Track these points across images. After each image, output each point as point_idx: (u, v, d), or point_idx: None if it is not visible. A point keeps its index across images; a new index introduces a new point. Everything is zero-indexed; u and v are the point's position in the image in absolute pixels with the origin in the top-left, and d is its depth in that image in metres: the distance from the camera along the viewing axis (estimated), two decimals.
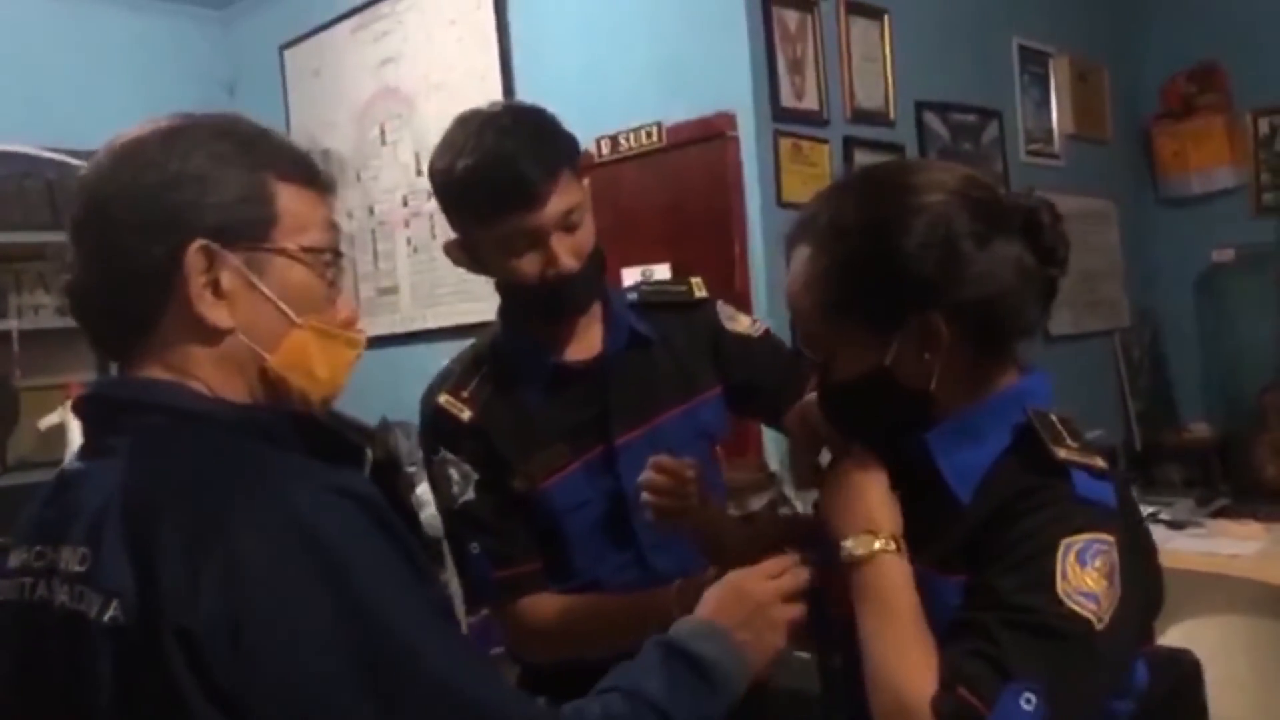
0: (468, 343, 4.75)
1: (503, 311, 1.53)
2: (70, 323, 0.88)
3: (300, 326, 0.95)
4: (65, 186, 3.74)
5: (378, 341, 3.89)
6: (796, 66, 3.26)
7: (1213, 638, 2.29)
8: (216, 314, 0.91)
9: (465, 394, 1.46)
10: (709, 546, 1.35)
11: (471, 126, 1.38)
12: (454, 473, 1.44)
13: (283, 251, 0.94)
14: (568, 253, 1.38)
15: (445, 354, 4.53)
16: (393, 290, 4.27)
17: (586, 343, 1.50)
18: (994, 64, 4.05)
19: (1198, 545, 2.73)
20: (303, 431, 0.94)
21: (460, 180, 1.36)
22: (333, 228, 0.99)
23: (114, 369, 0.99)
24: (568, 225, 1.38)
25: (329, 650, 0.80)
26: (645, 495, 1.30)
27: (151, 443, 0.89)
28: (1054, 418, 1.05)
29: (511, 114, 1.41)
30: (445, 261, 1.53)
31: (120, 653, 0.81)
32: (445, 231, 4.72)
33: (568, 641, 1.42)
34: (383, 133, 4.25)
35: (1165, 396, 4.65)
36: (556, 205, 1.36)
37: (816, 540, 1.14)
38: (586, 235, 1.41)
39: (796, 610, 1.09)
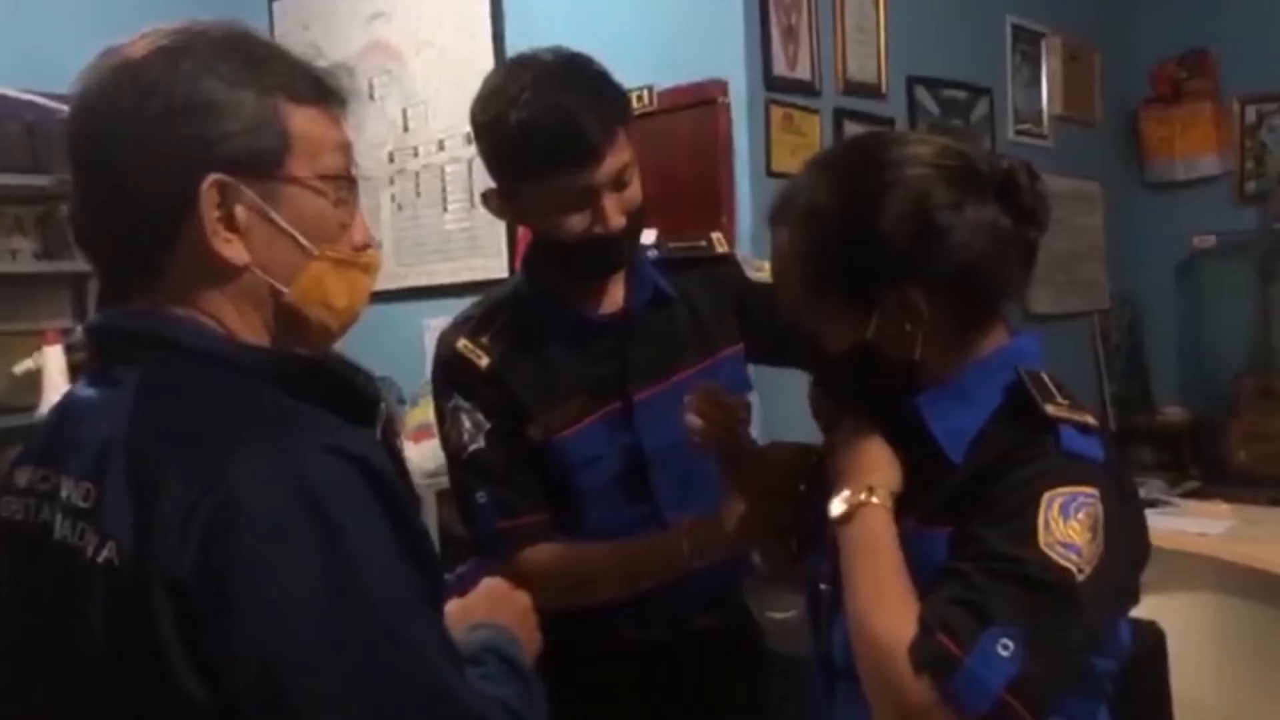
0: (448, 303, 4.69)
1: (527, 262, 1.51)
2: (47, 267, 0.86)
3: (317, 258, 0.91)
4: (44, 129, 3.69)
5: None
6: (790, 35, 3.25)
7: (1177, 613, 2.33)
8: (232, 250, 0.87)
9: (484, 340, 1.45)
10: (732, 474, 1.34)
11: (526, 76, 1.35)
12: (466, 420, 1.43)
13: (298, 181, 0.89)
14: (617, 210, 1.36)
15: (427, 313, 4.53)
16: (376, 247, 4.24)
17: (610, 298, 1.49)
18: (987, 41, 4.05)
19: (1167, 524, 2.77)
20: (318, 380, 0.91)
21: (515, 131, 1.33)
22: (345, 148, 0.94)
23: (92, 313, 0.96)
24: (620, 183, 1.37)
25: (309, 615, 0.77)
26: (691, 417, 1.28)
27: (161, 379, 0.86)
28: (1045, 376, 1.06)
29: (567, 65, 1.38)
30: (429, 220, 1.52)
31: (111, 596, 0.80)
32: (430, 190, 4.65)
33: (577, 586, 1.41)
34: (371, 88, 4.21)
35: (1141, 379, 4.69)
36: (612, 163, 1.35)
37: (820, 478, 1.16)
38: (635, 193, 1.40)
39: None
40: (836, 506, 1.06)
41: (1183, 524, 2.80)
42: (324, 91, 0.93)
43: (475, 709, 0.84)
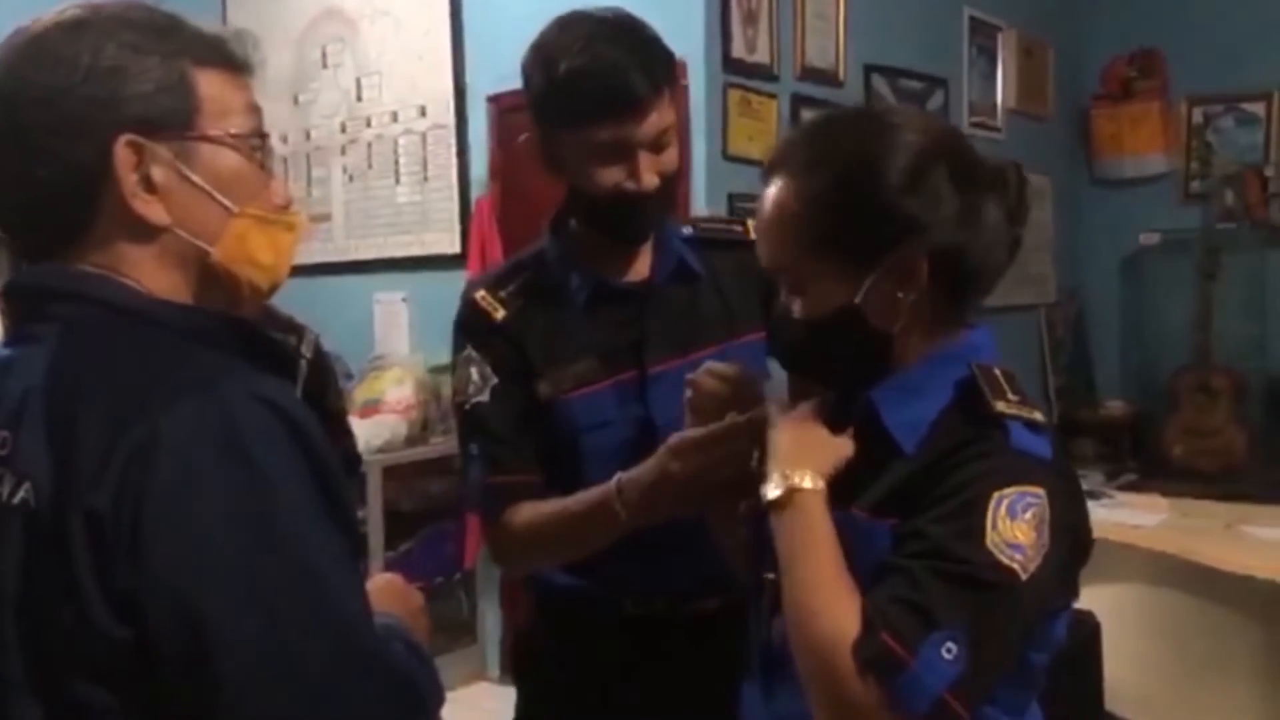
0: (398, 277, 4.63)
1: (555, 224, 1.51)
2: None
3: (238, 215, 0.92)
4: None
5: (307, 270, 3.80)
6: (750, 18, 3.24)
7: (1110, 602, 2.38)
8: (152, 210, 0.88)
9: (503, 294, 1.45)
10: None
11: (579, 30, 1.37)
12: (474, 372, 1.43)
13: (210, 139, 0.90)
14: (651, 170, 1.37)
15: (378, 286, 4.47)
16: (325, 218, 4.18)
17: (634, 267, 1.49)
18: (944, 33, 4.07)
19: (1104, 515, 2.82)
20: (238, 336, 0.91)
21: (564, 79, 1.34)
22: (255, 111, 0.96)
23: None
24: (658, 145, 1.38)
25: (226, 550, 0.78)
26: (689, 393, 1.28)
27: (80, 332, 0.87)
28: (997, 372, 1.06)
29: (620, 23, 1.40)
30: (381, 191, 1.51)
31: (27, 536, 0.80)
32: (382, 161, 4.60)
33: (540, 550, 1.43)
34: (324, 56, 4.14)
35: (1085, 373, 4.77)
36: (654, 122, 1.36)
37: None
38: (671, 159, 1.41)
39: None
40: (771, 490, 1.05)
41: (1119, 515, 2.85)
42: (229, 56, 0.94)
43: (383, 655, 0.86)
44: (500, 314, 1.44)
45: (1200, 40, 4.43)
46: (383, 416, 3.63)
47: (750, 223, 1.55)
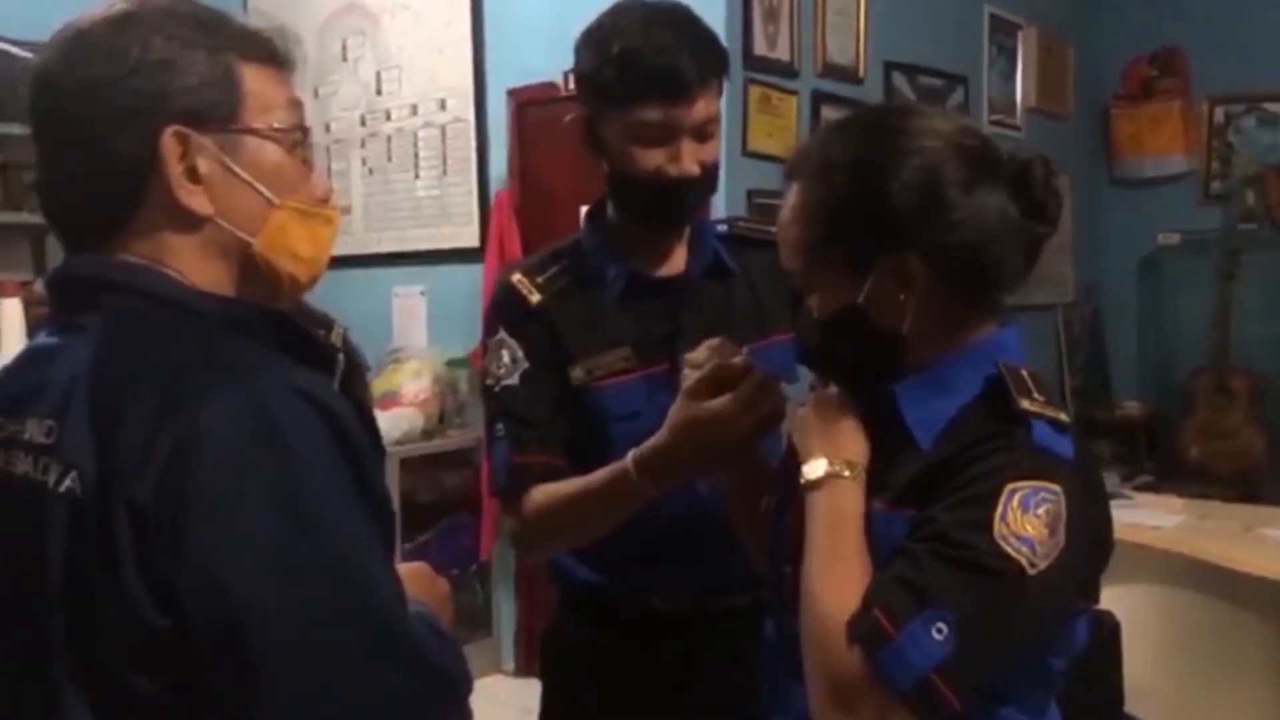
0: (416, 270, 4.63)
1: (593, 214, 1.53)
2: (6, 218, 0.85)
3: (280, 207, 0.94)
4: (8, 77, 3.59)
5: (328, 262, 3.82)
6: (771, 15, 3.24)
7: (1129, 603, 2.37)
8: (196, 200, 0.90)
9: (540, 279, 1.47)
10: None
11: (635, 14, 1.40)
12: (505, 355, 1.45)
13: (254, 131, 0.92)
14: (693, 157, 1.39)
15: (396, 279, 4.48)
16: (344, 211, 4.20)
17: (670, 261, 1.50)
18: (965, 30, 4.06)
19: (1121, 516, 2.79)
20: (277, 329, 0.93)
21: (616, 58, 1.36)
22: (297, 105, 0.98)
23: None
24: (703, 133, 1.40)
25: (264, 541, 0.79)
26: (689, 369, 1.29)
27: (124, 323, 0.88)
28: (1024, 372, 1.06)
29: (675, 11, 1.43)
30: (401, 184, 1.52)
31: (72, 525, 0.81)
32: (402, 155, 4.59)
33: (558, 529, 1.43)
34: (344, 49, 4.15)
35: (1101, 373, 4.76)
36: (700, 109, 1.38)
37: (777, 474, 1.16)
38: (713, 150, 1.43)
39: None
40: (814, 470, 1.05)
41: (1137, 516, 2.84)
42: (272, 52, 0.96)
43: (418, 643, 0.87)
44: (536, 298, 1.46)
45: (1222, 39, 4.41)
46: (400, 409, 3.65)
47: None
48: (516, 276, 1.48)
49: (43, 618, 0.82)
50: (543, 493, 1.42)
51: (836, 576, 0.99)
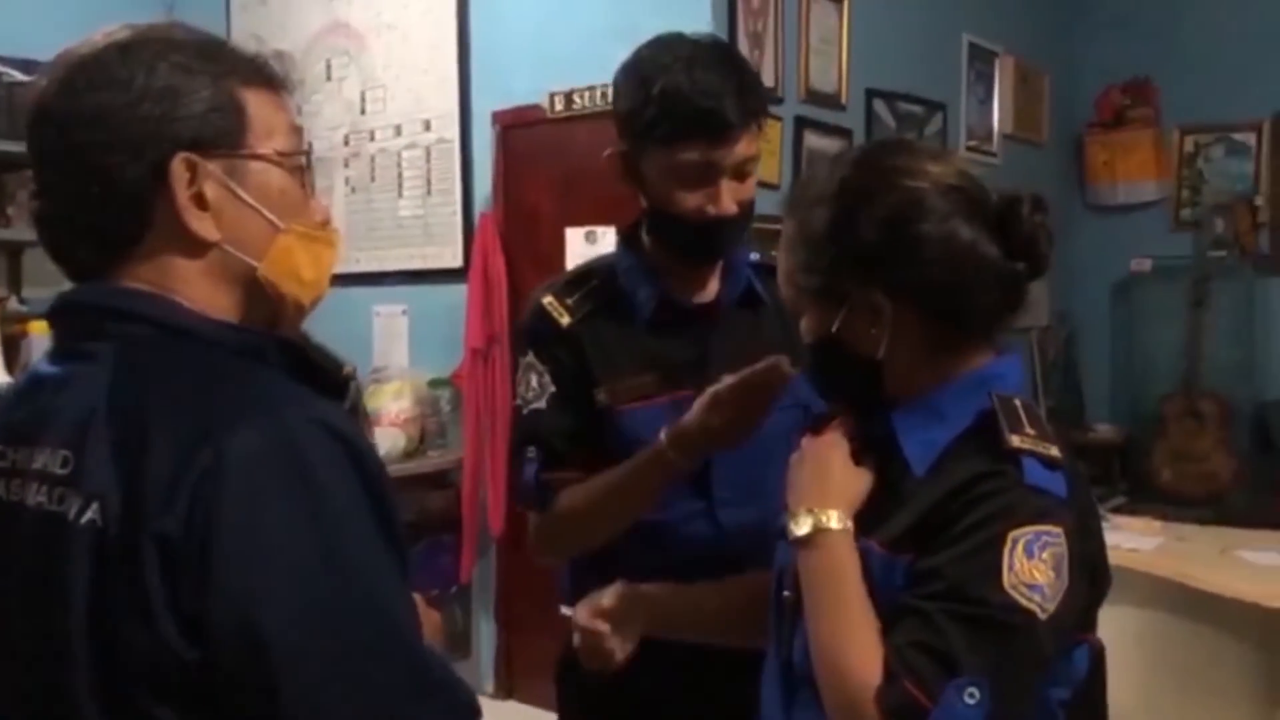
0: (398, 290, 4.60)
1: (627, 237, 1.53)
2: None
3: (285, 231, 0.94)
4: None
5: None
6: (756, 41, 3.28)
7: (1110, 625, 2.40)
8: (204, 226, 0.90)
9: (570, 301, 1.48)
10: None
11: (680, 51, 1.39)
12: (534, 379, 1.46)
13: (259, 156, 0.92)
14: (731, 197, 1.40)
15: (376, 300, 4.46)
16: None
17: (704, 288, 1.51)
18: (944, 58, 4.13)
19: None
20: (289, 357, 0.92)
21: (661, 96, 1.36)
22: (297, 130, 0.98)
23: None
24: (741, 173, 1.41)
25: (290, 573, 0.79)
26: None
27: (138, 351, 0.87)
28: (1017, 403, 1.06)
29: (719, 49, 1.43)
30: (384, 204, 1.53)
31: (97, 556, 0.81)
32: (385, 175, 4.57)
33: (591, 519, 1.44)
34: (329, 68, 4.15)
35: (1075, 396, 4.82)
36: (742, 150, 1.39)
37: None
38: (751, 188, 1.44)
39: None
40: (800, 528, 1.06)
41: (1115, 539, 2.87)
42: (272, 76, 0.96)
43: (443, 676, 0.87)
44: (566, 320, 1.47)
45: (1193, 70, 4.50)
46: (382, 429, 3.63)
47: None
48: (548, 299, 1.49)
49: (65, 651, 0.82)
50: (569, 493, 1.44)
51: (852, 644, 0.99)
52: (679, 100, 1.35)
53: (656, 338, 1.47)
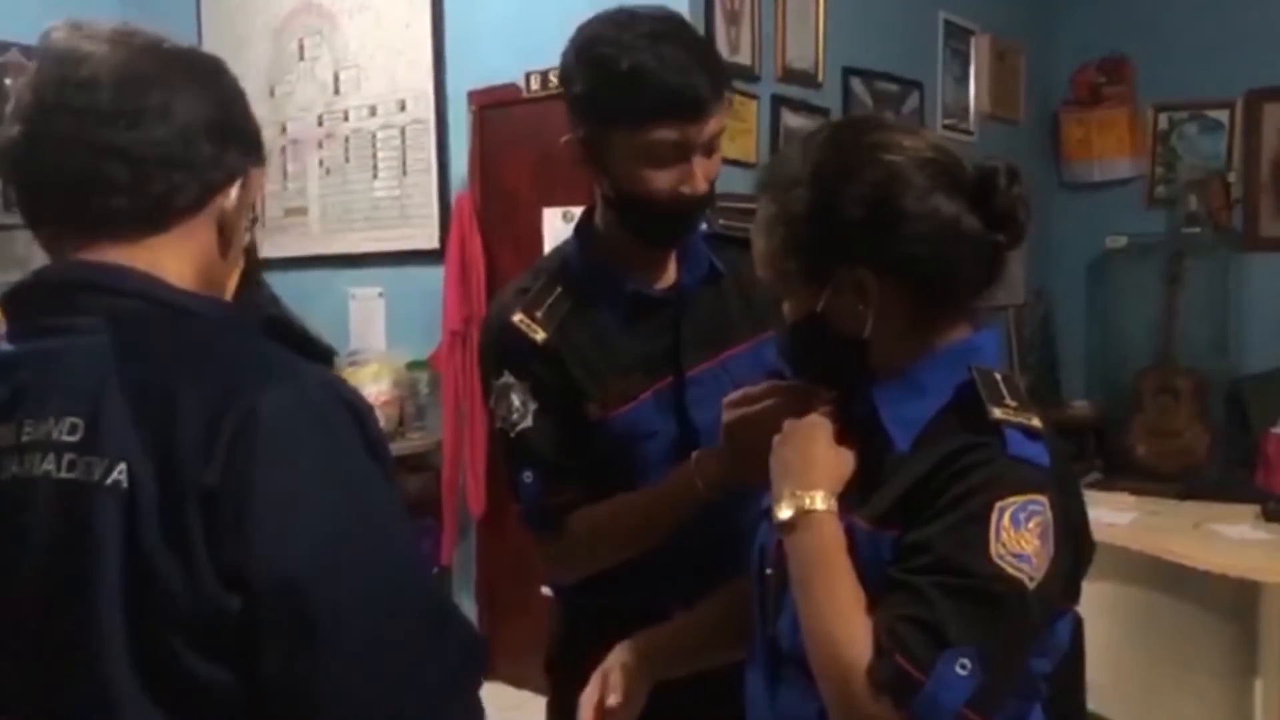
0: (373, 272, 4.58)
1: (581, 231, 1.49)
2: None
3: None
4: None
5: (282, 264, 3.78)
6: (733, 19, 3.26)
7: (1086, 599, 2.42)
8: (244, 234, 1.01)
9: (539, 314, 1.43)
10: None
11: (640, 28, 1.34)
12: (515, 398, 1.42)
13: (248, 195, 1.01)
14: (703, 175, 1.37)
15: (351, 281, 4.43)
16: (301, 212, 4.15)
17: (664, 273, 1.49)
18: (920, 36, 4.12)
19: None
20: (278, 332, 0.95)
21: (626, 77, 1.31)
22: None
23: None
24: (710, 148, 1.38)
25: (322, 519, 0.84)
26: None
27: (136, 325, 0.90)
28: (997, 376, 1.07)
29: (680, 25, 1.38)
30: (359, 185, 1.50)
31: (128, 515, 0.83)
32: (360, 156, 4.52)
33: (608, 543, 1.42)
34: (301, 48, 4.10)
35: (1051, 373, 4.85)
36: (713, 125, 1.35)
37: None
38: (718, 163, 1.41)
39: None
40: (783, 510, 1.06)
41: (1091, 514, 2.86)
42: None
43: (453, 613, 0.94)
44: (540, 335, 1.42)
45: (1167, 48, 4.52)
46: None
47: None
48: (517, 317, 1.43)
49: (93, 611, 0.83)
50: (583, 516, 1.42)
51: (842, 623, 0.99)
52: (649, 79, 1.31)
53: (630, 334, 1.45)
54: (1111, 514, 2.91)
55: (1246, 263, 4.46)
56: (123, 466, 0.83)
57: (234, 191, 0.97)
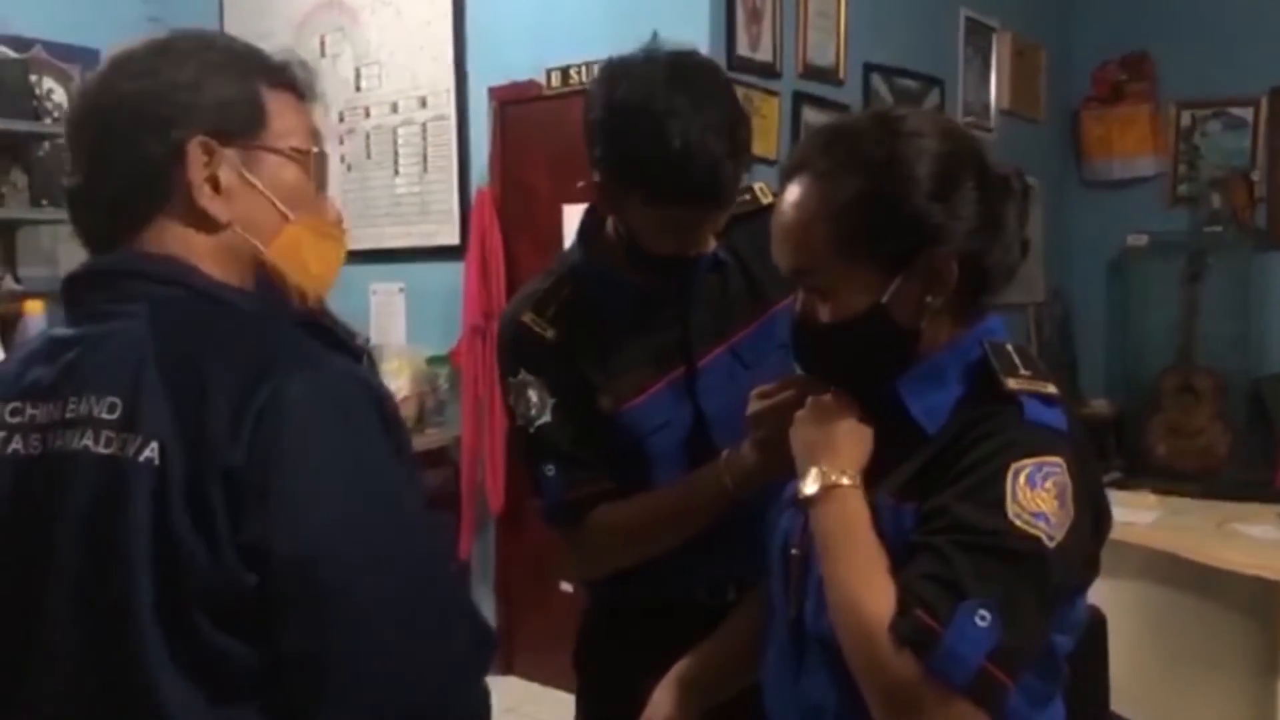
0: (395, 267, 4.60)
1: (586, 236, 1.52)
2: None
3: (294, 223, 1.01)
4: None
5: None
6: (755, 16, 3.26)
7: (1108, 598, 2.41)
8: (215, 206, 0.97)
9: (549, 314, 1.47)
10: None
11: (679, 100, 1.31)
12: (532, 394, 1.45)
13: (274, 150, 1.00)
14: (711, 238, 1.42)
15: (373, 277, 4.46)
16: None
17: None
18: (940, 33, 4.11)
19: None
20: (310, 328, 0.97)
21: (657, 160, 1.31)
22: (316, 133, 1.05)
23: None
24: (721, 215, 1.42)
25: (344, 505, 0.87)
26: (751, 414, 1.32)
27: (174, 310, 0.94)
28: (1009, 347, 1.09)
29: (714, 92, 1.36)
30: (380, 181, 1.52)
31: (158, 491, 0.86)
32: (381, 152, 4.54)
33: (635, 540, 1.44)
34: (322, 45, 4.12)
35: (1070, 372, 4.83)
36: (730, 206, 1.40)
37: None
38: (724, 217, 1.44)
39: None
40: (809, 486, 1.08)
41: (1113, 513, 2.89)
42: (295, 81, 1.05)
43: (467, 603, 0.99)
44: (550, 333, 1.46)
45: (1189, 45, 4.48)
46: None
47: (759, 187, 1.56)
48: (528, 317, 1.48)
49: (125, 583, 0.86)
50: (607, 512, 1.44)
51: (866, 586, 1.00)
52: (676, 168, 1.30)
53: (638, 328, 1.47)
54: (1133, 513, 2.90)
55: (1269, 261, 4.43)
56: (155, 444, 0.87)
57: (194, 165, 0.95)
